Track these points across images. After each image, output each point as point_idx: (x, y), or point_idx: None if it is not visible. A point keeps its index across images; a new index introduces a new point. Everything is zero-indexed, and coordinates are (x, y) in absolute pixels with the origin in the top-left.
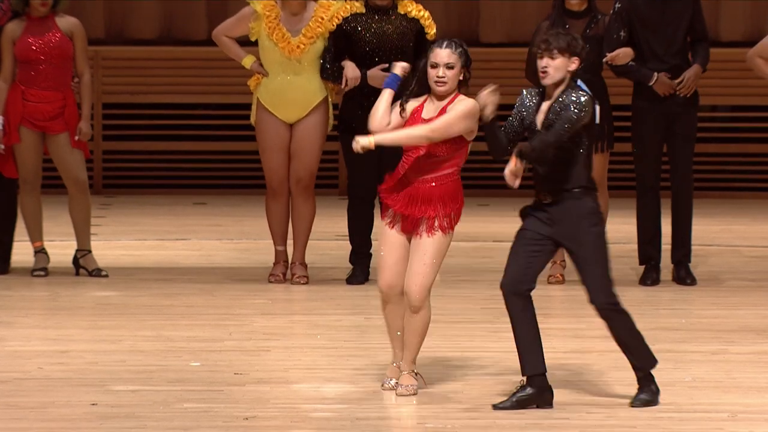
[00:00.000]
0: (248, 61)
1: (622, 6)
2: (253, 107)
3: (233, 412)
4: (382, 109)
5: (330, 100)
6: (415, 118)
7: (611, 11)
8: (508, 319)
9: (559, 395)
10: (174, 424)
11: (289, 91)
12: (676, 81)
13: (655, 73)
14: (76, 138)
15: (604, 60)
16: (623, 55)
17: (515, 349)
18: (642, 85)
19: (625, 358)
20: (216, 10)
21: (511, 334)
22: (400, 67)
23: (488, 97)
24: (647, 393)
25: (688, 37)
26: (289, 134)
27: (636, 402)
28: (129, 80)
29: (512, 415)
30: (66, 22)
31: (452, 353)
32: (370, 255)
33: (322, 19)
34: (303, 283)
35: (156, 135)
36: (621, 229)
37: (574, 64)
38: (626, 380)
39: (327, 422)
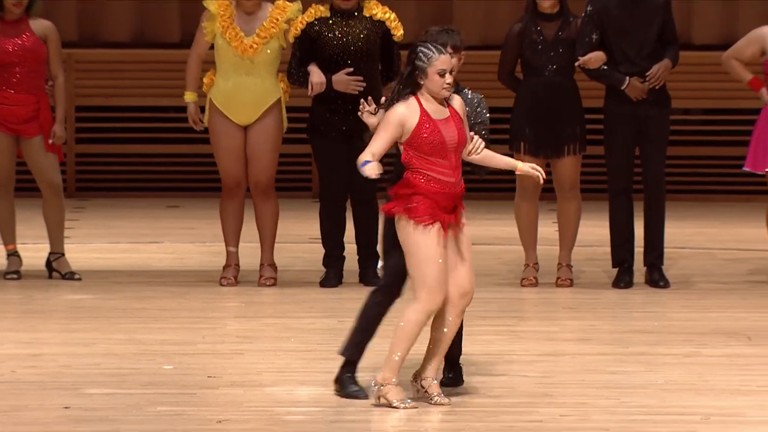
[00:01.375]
0: (190, 97)
1: (594, 9)
2: (207, 108)
3: (206, 415)
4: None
5: (283, 101)
6: (433, 122)
7: (583, 14)
8: (482, 323)
9: (531, 398)
10: (147, 427)
11: (242, 92)
12: (647, 73)
13: (627, 78)
14: (50, 141)
15: (576, 64)
16: (595, 59)
17: (487, 353)
18: (614, 88)
19: (598, 360)
20: (189, 13)
21: (485, 337)
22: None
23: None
24: (338, 384)
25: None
26: (242, 136)
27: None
28: (102, 83)
29: (487, 417)
30: (40, 25)
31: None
32: (343, 258)
33: (277, 20)
34: (270, 285)
35: (130, 138)
36: (594, 232)
37: None
38: (599, 383)
39: (300, 425)
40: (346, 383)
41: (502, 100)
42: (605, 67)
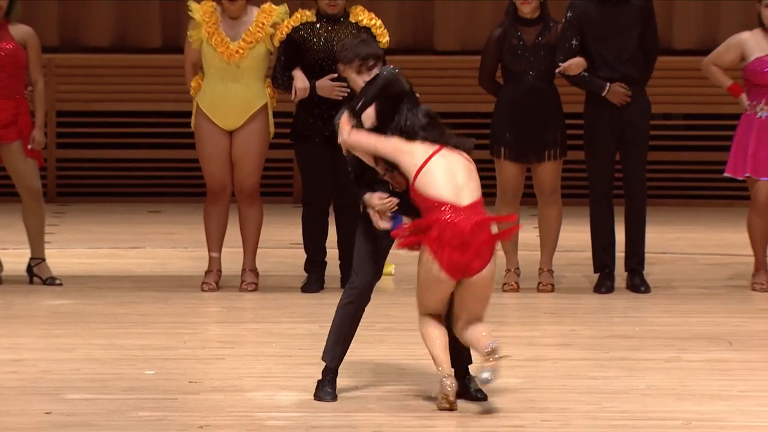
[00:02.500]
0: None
1: (573, 14)
2: (193, 112)
3: (188, 420)
4: None
5: (270, 106)
6: None
7: (563, 19)
8: None
9: (513, 403)
10: None
11: (228, 97)
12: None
13: (608, 84)
14: (30, 146)
15: (557, 71)
16: (575, 65)
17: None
18: (594, 93)
19: (579, 366)
20: (170, 18)
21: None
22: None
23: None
24: (318, 390)
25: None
26: (228, 141)
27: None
28: (83, 88)
29: (468, 421)
30: (19, 30)
31: (406, 360)
32: (325, 263)
33: (263, 24)
34: (251, 290)
35: (110, 143)
36: (575, 237)
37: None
38: (580, 388)
39: (281, 430)
40: (319, 386)
41: (483, 105)
42: (585, 74)
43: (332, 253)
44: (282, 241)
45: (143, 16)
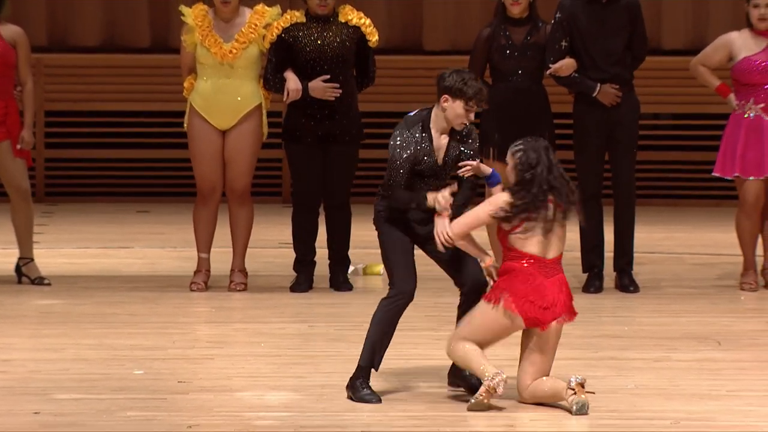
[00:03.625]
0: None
1: (562, 15)
2: (187, 111)
3: (177, 420)
4: None
5: (264, 107)
6: None
7: (552, 20)
8: (452, 328)
9: (502, 403)
10: None
11: (222, 96)
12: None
13: (598, 84)
14: (19, 146)
15: (548, 72)
16: (566, 67)
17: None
18: (584, 93)
19: (568, 365)
20: (159, 19)
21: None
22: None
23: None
24: (350, 389)
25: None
26: (221, 141)
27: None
28: (72, 88)
29: (458, 422)
30: (8, 30)
31: (396, 360)
32: (314, 263)
33: (256, 25)
34: (240, 290)
35: (99, 143)
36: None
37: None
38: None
39: (271, 430)
40: (358, 388)
41: None
42: (576, 75)
43: (321, 253)
44: (271, 241)
45: (132, 16)
